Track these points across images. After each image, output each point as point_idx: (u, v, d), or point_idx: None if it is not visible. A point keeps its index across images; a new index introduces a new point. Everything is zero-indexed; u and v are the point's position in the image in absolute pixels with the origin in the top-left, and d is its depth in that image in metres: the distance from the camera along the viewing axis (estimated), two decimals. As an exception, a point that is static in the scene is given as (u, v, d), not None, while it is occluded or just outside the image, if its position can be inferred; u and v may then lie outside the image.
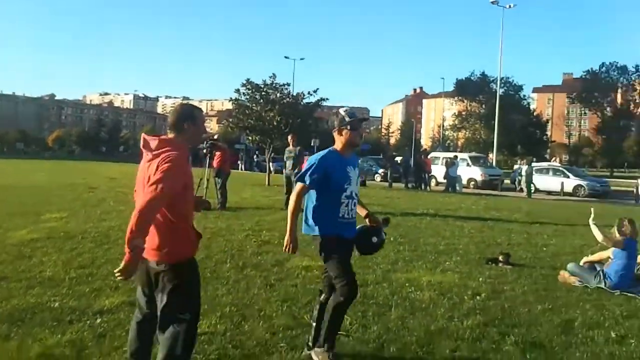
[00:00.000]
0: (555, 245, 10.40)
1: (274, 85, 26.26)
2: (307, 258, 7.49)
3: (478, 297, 6.37)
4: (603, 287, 7.01)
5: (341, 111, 4.37)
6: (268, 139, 26.13)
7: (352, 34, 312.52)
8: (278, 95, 26.28)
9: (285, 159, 15.07)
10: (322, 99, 27.19)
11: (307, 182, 4.26)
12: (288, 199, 14.54)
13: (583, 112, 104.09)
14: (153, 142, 3.37)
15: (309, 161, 4.39)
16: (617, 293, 6.84)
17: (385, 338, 4.89)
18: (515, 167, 29.50)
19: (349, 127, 4.29)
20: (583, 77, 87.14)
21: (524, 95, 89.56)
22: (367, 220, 4.54)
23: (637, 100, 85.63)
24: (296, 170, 14.41)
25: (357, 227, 4.45)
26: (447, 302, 6.16)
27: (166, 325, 3.33)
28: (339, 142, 4.37)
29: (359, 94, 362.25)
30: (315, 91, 26.67)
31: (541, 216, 15.60)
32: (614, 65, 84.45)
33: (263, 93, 26.07)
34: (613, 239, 7.32)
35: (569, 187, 29.05)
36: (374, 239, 4.48)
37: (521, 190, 28.01)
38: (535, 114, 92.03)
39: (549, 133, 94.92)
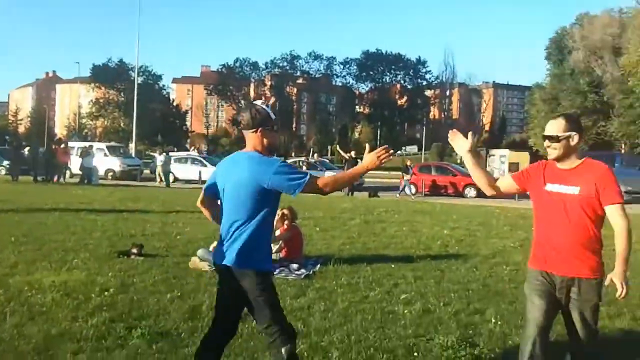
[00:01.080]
0: (189, 233, 10.68)
1: None
2: None
3: (106, 293, 6.10)
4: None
5: (262, 106, 3.44)
6: None
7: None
8: None
9: None
10: None
11: (308, 174, 3.33)
12: None
13: (220, 103, 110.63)
14: None
15: (277, 167, 3.26)
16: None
17: (-4, 351, 4.30)
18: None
19: (274, 127, 3.46)
20: (219, 70, 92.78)
21: (164, 85, 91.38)
22: None
23: (268, 94, 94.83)
24: None
25: None
26: (72, 302, 5.74)
27: None
28: (259, 145, 3.41)
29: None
30: None
31: (178, 205, 15.92)
32: (247, 61, 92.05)
33: None
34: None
35: (206, 176, 30.30)
36: None
37: (161, 180, 28.22)
38: (175, 104, 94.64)
39: (188, 123, 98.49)
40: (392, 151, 3.32)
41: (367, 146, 3.50)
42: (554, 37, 59.29)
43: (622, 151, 50.40)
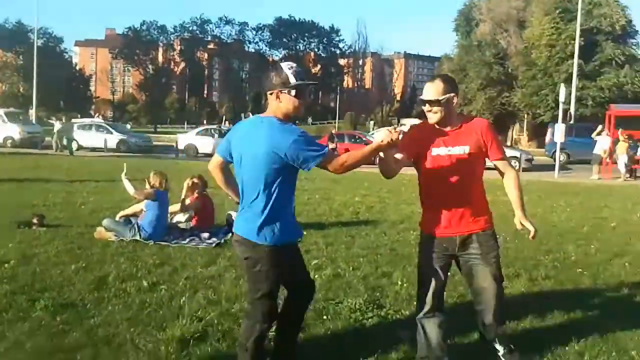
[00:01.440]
0: (94, 203, 10.35)
1: None
2: None
3: (6, 265, 5.85)
4: (138, 238, 7.23)
5: (285, 67, 3.19)
6: None
7: None
8: None
9: None
10: None
11: (325, 148, 3.17)
12: None
13: (126, 68, 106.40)
14: None
15: (294, 139, 3.06)
16: (151, 243, 7.14)
17: None
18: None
19: (293, 93, 3.17)
20: (125, 33, 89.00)
21: (66, 49, 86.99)
22: None
23: (177, 60, 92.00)
24: None
25: None
26: (-31, 276, 5.48)
27: None
28: (276, 110, 3.21)
29: None
30: None
31: (82, 174, 15.37)
32: (155, 24, 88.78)
33: None
34: (144, 191, 7.59)
35: (112, 144, 29.36)
36: None
37: (63, 148, 26.89)
38: (78, 68, 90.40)
39: (93, 88, 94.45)
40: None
41: (395, 126, 3.33)
42: (462, 9, 60.64)
43: (525, 121, 52.90)
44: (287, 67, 3.18)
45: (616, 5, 46.11)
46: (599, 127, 22.15)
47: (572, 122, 32.41)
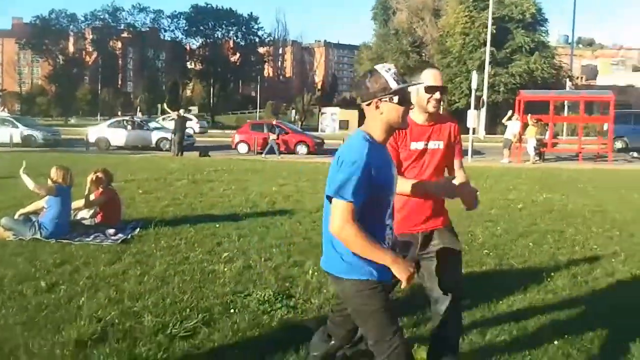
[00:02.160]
0: (-5, 200, 9.76)
1: None
2: None
3: None
4: (39, 237, 6.86)
5: (381, 71, 2.67)
6: None
7: None
8: None
9: None
10: None
11: (355, 201, 2.54)
12: None
13: (35, 59, 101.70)
14: None
15: (345, 161, 2.57)
16: (53, 241, 6.78)
17: None
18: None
19: (395, 100, 2.64)
20: (33, 22, 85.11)
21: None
22: None
23: (89, 49, 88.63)
24: None
25: None
26: None
27: None
28: (375, 122, 2.69)
29: None
30: None
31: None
32: (64, 13, 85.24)
33: None
34: (45, 187, 7.21)
35: (18, 138, 27.91)
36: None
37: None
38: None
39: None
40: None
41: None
42: (380, -3, 61.52)
43: (441, 108, 54.28)
44: (385, 70, 2.69)
45: (526, -6, 48.03)
46: (509, 112, 22.98)
47: (484, 108, 33.49)
